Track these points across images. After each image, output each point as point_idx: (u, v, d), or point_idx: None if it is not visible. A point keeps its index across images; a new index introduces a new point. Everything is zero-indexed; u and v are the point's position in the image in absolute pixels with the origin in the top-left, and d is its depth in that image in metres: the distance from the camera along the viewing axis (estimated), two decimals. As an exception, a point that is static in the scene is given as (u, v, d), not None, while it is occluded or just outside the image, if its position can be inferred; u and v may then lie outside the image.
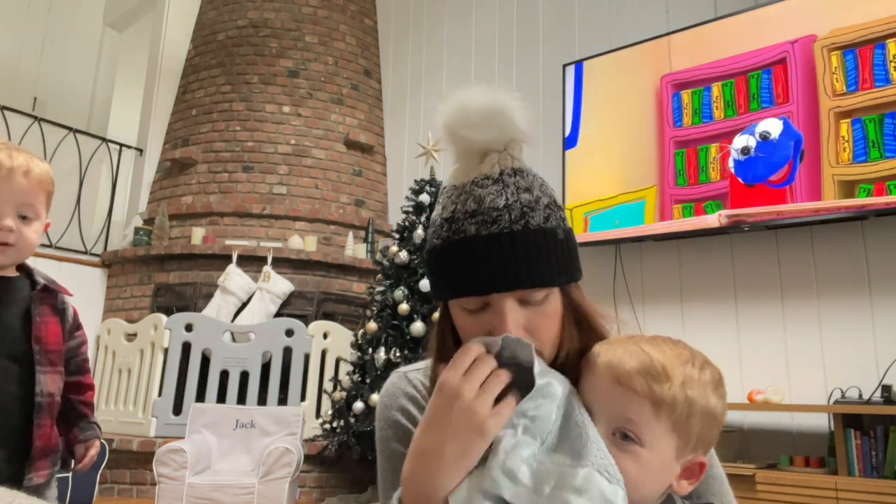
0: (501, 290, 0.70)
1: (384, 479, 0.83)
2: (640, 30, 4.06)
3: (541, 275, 0.71)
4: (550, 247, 0.72)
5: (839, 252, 3.20)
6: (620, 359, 0.70)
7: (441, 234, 0.74)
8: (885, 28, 3.01)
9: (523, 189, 0.74)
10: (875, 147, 2.98)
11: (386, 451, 0.84)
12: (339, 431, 3.59)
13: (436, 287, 0.77)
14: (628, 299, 3.79)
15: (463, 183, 0.75)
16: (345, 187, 5.27)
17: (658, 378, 0.68)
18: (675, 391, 0.68)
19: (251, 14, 5.50)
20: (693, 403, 0.69)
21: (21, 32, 6.10)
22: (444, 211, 0.75)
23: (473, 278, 0.71)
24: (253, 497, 3.14)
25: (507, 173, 0.74)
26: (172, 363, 4.18)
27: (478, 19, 5.13)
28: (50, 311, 1.37)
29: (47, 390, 1.32)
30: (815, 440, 3.07)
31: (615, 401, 0.68)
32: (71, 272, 4.88)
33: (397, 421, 0.83)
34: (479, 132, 0.73)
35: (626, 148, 3.77)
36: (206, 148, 5.17)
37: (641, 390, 0.68)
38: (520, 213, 0.72)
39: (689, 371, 0.70)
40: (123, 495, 3.93)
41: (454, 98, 0.75)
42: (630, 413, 0.68)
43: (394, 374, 0.89)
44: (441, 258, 0.74)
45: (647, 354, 0.70)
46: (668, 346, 0.72)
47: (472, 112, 0.73)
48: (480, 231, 0.71)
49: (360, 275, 4.93)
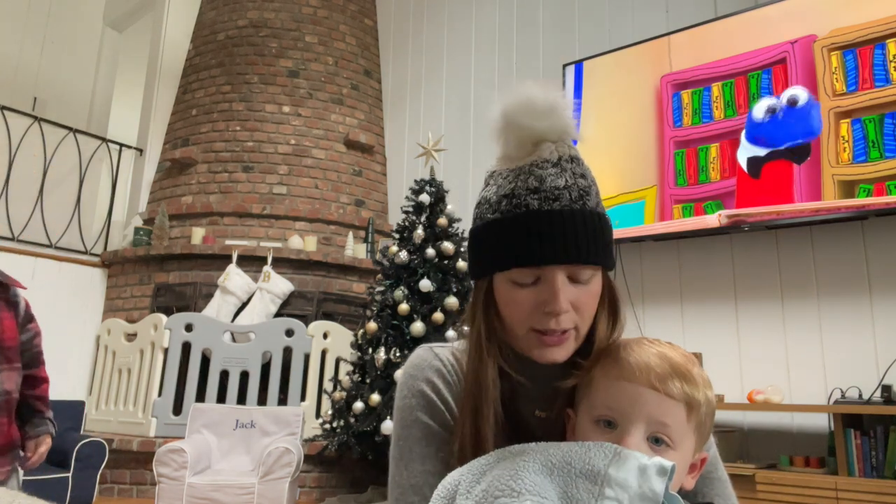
0: (561, 262, 0.74)
1: (402, 448, 0.81)
2: (640, 30, 4.06)
3: (595, 253, 0.76)
4: (602, 229, 0.77)
5: (839, 252, 3.20)
6: (649, 362, 0.70)
7: (500, 208, 0.77)
8: (885, 28, 3.01)
9: (579, 175, 0.80)
10: (875, 147, 2.98)
11: (408, 420, 0.82)
12: (339, 431, 3.59)
13: (484, 261, 0.79)
14: (628, 299, 3.79)
15: (521, 166, 0.79)
16: (345, 187, 5.27)
17: (690, 381, 0.70)
18: (702, 392, 0.71)
19: (251, 14, 5.50)
20: (710, 402, 0.72)
21: (21, 32, 6.09)
22: (500, 189, 0.79)
23: (534, 249, 0.74)
24: (253, 497, 3.14)
25: (565, 159, 0.80)
26: (172, 363, 4.18)
27: (478, 20, 5.12)
28: (3, 305, 1.35)
29: (4, 388, 1.30)
30: (815, 440, 3.07)
31: (652, 406, 0.68)
32: (71, 272, 4.88)
33: (424, 391, 0.82)
34: (541, 121, 0.79)
35: (626, 148, 3.77)
36: (206, 148, 5.17)
37: (678, 394, 0.69)
38: (578, 194, 0.77)
39: (702, 372, 0.73)
40: (123, 495, 3.93)
41: (519, 90, 0.80)
42: (667, 418, 0.68)
43: (420, 349, 0.88)
44: (499, 230, 0.77)
45: (671, 357, 0.71)
46: (673, 348, 0.74)
47: (537, 103, 0.78)
48: (542, 206, 0.75)
49: (360, 275, 4.93)
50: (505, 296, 0.77)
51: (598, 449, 0.65)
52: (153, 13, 5.90)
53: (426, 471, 0.78)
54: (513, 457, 0.67)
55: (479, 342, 0.79)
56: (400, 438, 0.82)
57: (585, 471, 0.64)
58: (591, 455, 0.65)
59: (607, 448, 0.65)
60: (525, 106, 0.79)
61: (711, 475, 0.81)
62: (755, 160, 3.32)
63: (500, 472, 0.65)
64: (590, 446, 0.66)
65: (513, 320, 0.77)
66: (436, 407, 0.81)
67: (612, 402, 0.70)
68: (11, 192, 4.69)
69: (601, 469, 0.63)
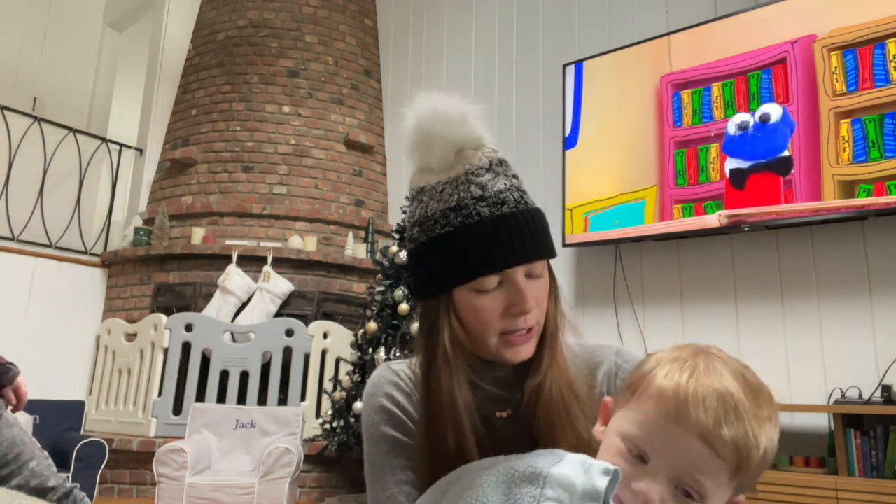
0: (523, 262, 0.76)
1: (372, 464, 0.83)
2: (640, 30, 4.06)
3: (545, 247, 0.79)
4: (544, 224, 0.81)
5: (839, 252, 3.20)
6: (706, 402, 0.60)
7: (450, 221, 0.78)
8: (885, 28, 3.01)
9: (512, 175, 0.82)
10: (875, 147, 2.98)
11: (374, 436, 0.84)
12: (339, 431, 3.59)
13: (440, 277, 0.78)
14: (628, 299, 3.79)
15: (454, 177, 0.80)
16: (345, 187, 5.27)
17: (749, 446, 0.60)
18: (762, 447, 0.61)
19: (251, 14, 5.50)
20: (768, 455, 0.62)
21: (21, 32, 6.09)
22: (442, 203, 0.79)
23: (497, 254, 0.75)
24: (253, 497, 3.14)
25: (496, 163, 0.81)
26: (172, 363, 4.18)
27: (478, 19, 5.13)
28: None
29: None
30: (815, 440, 3.07)
31: (693, 458, 0.59)
32: (71, 272, 4.88)
33: (384, 406, 0.84)
34: (458, 130, 0.79)
35: (626, 148, 3.77)
36: (206, 148, 5.17)
37: (730, 455, 0.59)
38: (519, 195, 0.80)
39: (774, 410, 0.63)
40: (123, 495, 3.93)
41: (425, 102, 0.81)
42: (705, 476, 0.60)
43: (378, 367, 0.91)
44: (455, 243, 0.77)
45: (738, 398, 0.61)
46: (747, 376, 0.65)
47: (450, 113, 0.79)
48: (493, 212, 0.77)
49: (360, 275, 4.93)
50: (469, 305, 0.78)
51: (545, 453, 0.65)
52: (153, 13, 5.89)
53: (398, 481, 0.80)
54: (466, 475, 0.68)
55: (447, 360, 0.77)
56: (370, 455, 0.85)
57: (528, 474, 0.62)
58: (537, 459, 0.64)
59: (554, 452, 0.65)
60: (440, 117, 0.79)
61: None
62: (738, 172, 3.34)
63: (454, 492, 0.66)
64: (538, 453, 0.66)
65: (482, 328, 0.78)
66: (398, 418, 0.83)
67: (652, 436, 0.62)
68: (11, 192, 4.69)
69: (543, 470, 0.61)
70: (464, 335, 0.79)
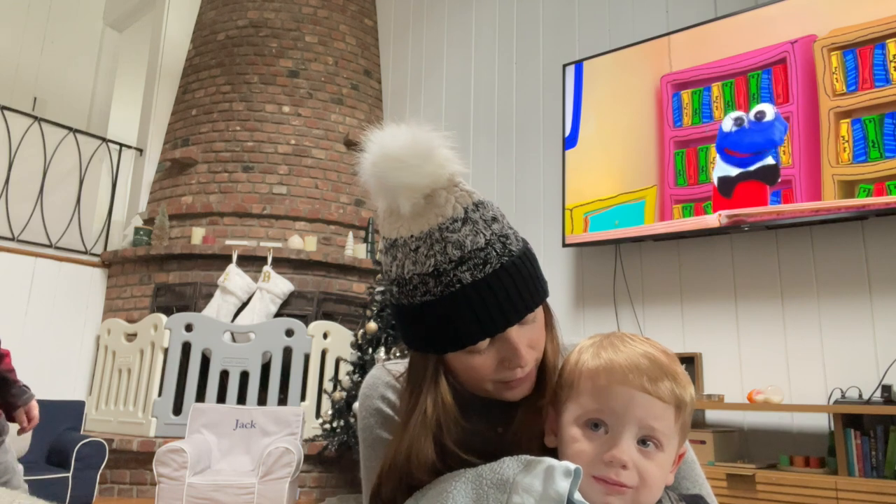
0: (514, 323, 0.71)
1: (368, 467, 0.83)
2: (640, 30, 4.06)
3: (538, 294, 0.74)
4: (533, 266, 0.74)
5: (839, 252, 3.20)
6: (639, 364, 0.69)
7: (430, 289, 0.70)
8: (885, 28, 3.01)
9: (490, 220, 0.73)
10: (875, 147, 2.98)
11: (369, 439, 0.84)
12: (339, 431, 3.59)
13: (431, 341, 0.73)
14: (628, 299, 3.79)
15: (426, 231, 0.71)
16: (345, 187, 5.27)
17: (678, 381, 0.70)
18: (688, 393, 0.71)
19: (251, 14, 5.50)
20: (693, 401, 0.72)
21: (21, 32, 6.09)
22: (418, 266, 0.71)
23: (486, 321, 0.70)
24: (253, 497, 3.14)
25: (471, 210, 0.72)
26: (172, 363, 4.18)
27: (478, 20, 5.13)
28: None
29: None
30: (815, 440, 3.07)
31: (643, 409, 0.68)
32: (71, 272, 4.88)
33: (380, 408, 0.84)
34: (425, 170, 0.70)
35: (626, 148, 3.77)
36: (206, 148, 5.17)
37: (668, 397, 0.68)
38: (501, 246, 0.71)
39: (682, 369, 0.72)
40: (123, 495, 3.93)
41: (374, 146, 0.72)
42: (657, 421, 0.68)
43: (374, 368, 0.90)
44: (439, 313, 0.71)
45: (658, 358, 0.70)
46: (653, 344, 0.73)
47: (414, 149, 0.70)
48: (476, 275, 0.69)
49: (360, 275, 4.93)
50: (462, 364, 0.74)
51: (511, 461, 0.67)
52: (153, 13, 5.90)
53: None
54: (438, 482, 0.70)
55: (425, 422, 0.73)
56: (365, 458, 0.84)
57: (496, 481, 0.65)
58: (503, 466, 0.66)
59: (520, 459, 0.67)
60: (400, 163, 0.70)
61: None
62: (726, 180, 3.35)
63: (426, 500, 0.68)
64: (504, 460, 0.67)
65: (476, 380, 0.75)
66: (393, 421, 0.82)
67: (603, 405, 0.68)
68: (11, 192, 4.69)
69: (510, 477, 0.64)
70: (450, 400, 0.75)
